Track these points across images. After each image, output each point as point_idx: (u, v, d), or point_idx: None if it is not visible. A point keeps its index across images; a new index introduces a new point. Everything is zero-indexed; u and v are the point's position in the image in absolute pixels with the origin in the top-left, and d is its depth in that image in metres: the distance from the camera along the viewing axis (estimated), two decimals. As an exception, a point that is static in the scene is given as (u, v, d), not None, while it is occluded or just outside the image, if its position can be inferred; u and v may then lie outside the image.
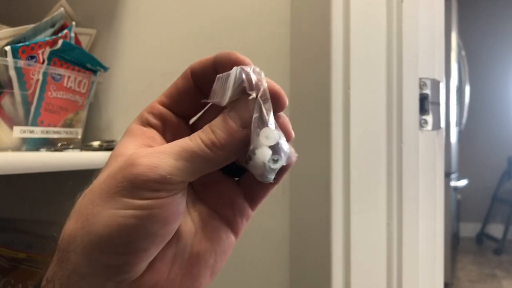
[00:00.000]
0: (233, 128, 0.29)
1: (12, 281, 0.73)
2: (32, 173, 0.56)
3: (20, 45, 0.62)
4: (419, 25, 0.67)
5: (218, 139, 0.29)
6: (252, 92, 0.29)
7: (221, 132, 0.29)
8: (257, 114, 0.29)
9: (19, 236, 0.81)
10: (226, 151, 0.29)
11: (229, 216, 0.34)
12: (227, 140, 0.29)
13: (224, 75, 0.31)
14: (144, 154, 0.28)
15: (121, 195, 0.27)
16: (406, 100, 0.65)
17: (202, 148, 0.28)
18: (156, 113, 0.34)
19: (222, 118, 0.30)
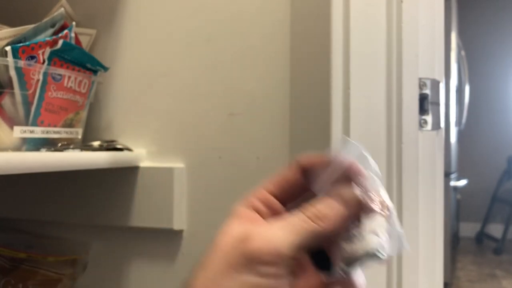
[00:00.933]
0: (337, 206, 0.32)
1: (12, 281, 0.73)
2: (33, 173, 0.56)
3: (20, 45, 0.62)
4: (419, 25, 0.67)
5: (323, 214, 0.31)
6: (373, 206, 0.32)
7: (324, 209, 0.32)
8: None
9: (19, 236, 0.81)
10: (329, 224, 0.31)
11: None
12: (330, 213, 0.31)
13: (333, 170, 0.34)
14: (259, 231, 0.30)
15: (239, 272, 0.29)
16: (406, 100, 0.65)
17: (309, 223, 0.31)
18: (262, 198, 0.36)
19: (325, 198, 0.33)
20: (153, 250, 0.75)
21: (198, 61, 0.73)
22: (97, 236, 0.80)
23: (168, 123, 0.75)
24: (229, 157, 0.71)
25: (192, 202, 0.73)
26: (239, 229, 0.32)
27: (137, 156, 0.74)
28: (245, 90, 0.70)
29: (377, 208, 0.32)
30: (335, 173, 0.33)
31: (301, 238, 0.30)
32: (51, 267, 0.75)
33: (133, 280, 0.77)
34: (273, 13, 0.69)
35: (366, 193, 0.32)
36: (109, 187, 0.76)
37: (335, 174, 0.33)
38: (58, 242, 0.80)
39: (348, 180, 0.33)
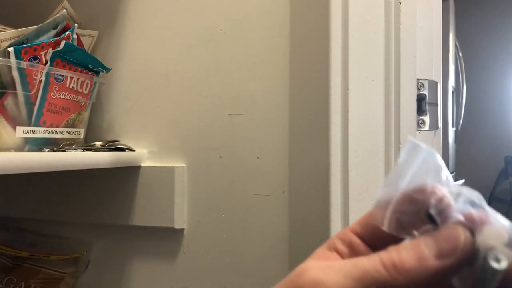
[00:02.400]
0: (424, 254, 0.25)
1: (14, 279, 0.73)
2: (35, 173, 0.57)
3: (23, 46, 0.62)
4: (417, 26, 0.67)
5: (400, 261, 0.25)
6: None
7: (407, 254, 0.25)
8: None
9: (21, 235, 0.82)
10: (407, 277, 0.24)
11: None
12: (412, 265, 0.25)
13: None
14: (313, 267, 0.26)
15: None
16: (404, 100, 0.65)
17: (377, 268, 0.25)
18: (346, 239, 0.31)
19: (414, 242, 0.26)
20: (154, 249, 0.76)
21: (199, 62, 0.74)
22: (99, 235, 0.80)
23: (169, 124, 0.75)
24: (229, 157, 0.71)
25: (193, 201, 0.73)
26: (307, 264, 0.28)
27: (139, 156, 0.75)
28: (245, 90, 0.71)
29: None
30: (422, 207, 0.27)
31: (361, 286, 0.25)
32: (53, 266, 0.76)
33: (134, 278, 0.77)
34: (273, 15, 0.69)
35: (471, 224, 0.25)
36: (111, 187, 0.76)
37: (422, 208, 0.27)
38: (60, 241, 0.80)
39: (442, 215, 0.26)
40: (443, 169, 0.27)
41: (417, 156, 0.27)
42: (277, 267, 0.69)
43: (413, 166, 0.27)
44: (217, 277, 0.72)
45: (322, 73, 0.63)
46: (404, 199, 0.27)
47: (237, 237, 0.71)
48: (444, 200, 0.26)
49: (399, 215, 0.27)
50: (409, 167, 0.27)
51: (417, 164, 0.27)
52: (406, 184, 0.27)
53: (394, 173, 0.28)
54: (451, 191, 0.26)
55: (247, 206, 0.70)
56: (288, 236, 0.68)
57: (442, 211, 0.26)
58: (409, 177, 0.27)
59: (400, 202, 0.27)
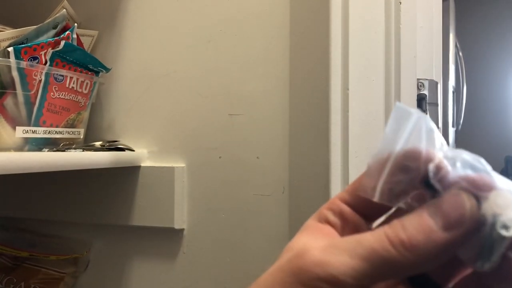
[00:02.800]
0: (431, 228, 0.23)
1: (14, 279, 0.73)
2: (35, 173, 0.57)
3: (23, 46, 0.62)
4: (417, 26, 0.67)
5: (408, 238, 0.23)
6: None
7: (413, 230, 0.23)
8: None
9: (21, 235, 0.82)
10: (417, 255, 0.23)
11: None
12: (420, 241, 0.23)
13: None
14: (316, 246, 0.25)
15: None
16: (404, 100, 0.65)
17: (385, 247, 0.23)
18: (335, 210, 0.29)
19: (417, 213, 0.24)
20: (154, 249, 0.76)
21: (199, 61, 0.74)
22: (99, 235, 0.80)
23: (169, 123, 0.75)
24: (229, 157, 0.71)
25: (193, 201, 0.73)
26: (302, 241, 0.27)
27: (139, 156, 0.75)
28: (245, 90, 0.71)
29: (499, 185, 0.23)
30: (416, 174, 0.25)
31: (372, 267, 0.23)
32: (53, 266, 0.76)
33: (134, 278, 0.77)
34: (273, 15, 0.69)
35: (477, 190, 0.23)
36: (111, 187, 0.76)
37: (416, 176, 0.25)
38: (60, 241, 0.80)
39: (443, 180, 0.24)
40: (436, 133, 0.25)
41: (406, 122, 0.25)
42: (277, 267, 0.68)
43: (403, 133, 0.25)
44: (217, 277, 0.72)
45: (322, 73, 0.63)
46: (396, 168, 0.25)
47: (237, 237, 0.71)
48: (441, 165, 0.24)
49: (391, 185, 0.25)
50: (399, 135, 0.25)
51: (407, 131, 0.25)
52: (397, 151, 0.25)
53: (383, 141, 0.26)
54: (448, 156, 0.24)
55: (247, 206, 0.70)
56: (288, 236, 0.68)
57: (441, 178, 0.24)
58: (400, 144, 0.25)
59: (392, 171, 0.25)
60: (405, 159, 0.25)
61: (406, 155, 0.25)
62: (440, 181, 0.24)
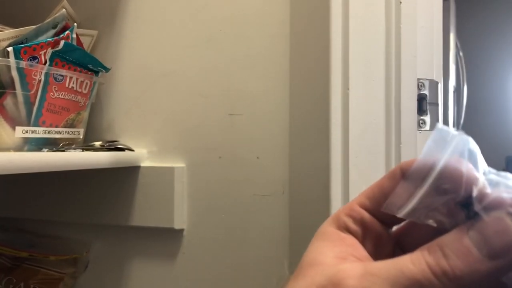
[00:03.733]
0: (475, 257, 0.22)
1: (14, 280, 0.73)
2: (34, 173, 0.57)
3: (22, 46, 0.62)
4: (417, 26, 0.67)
5: (451, 268, 0.22)
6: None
7: (456, 260, 0.22)
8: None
9: (21, 235, 0.82)
10: (460, 284, 0.22)
11: None
12: (464, 271, 0.22)
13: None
14: (353, 275, 0.23)
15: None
16: (404, 100, 0.65)
17: (428, 277, 0.22)
18: (356, 217, 0.28)
19: (458, 238, 0.23)
20: (154, 249, 0.76)
21: (198, 61, 0.73)
22: (98, 235, 0.80)
23: (169, 123, 0.75)
24: (229, 157, 0.71)
25: (193, 201, 0.73)
26: (327, 259, 0.25)
27: (138, 156, 0.74)
28: (245, 90, 0.71)
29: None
30: (453, 196, 0.23)
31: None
32: (52, 266, 0.76)
33: (134, 279, 0.77)
34: (273, 14, 0.69)
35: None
36: (110, 187, 0.76)
37: (452, 198, 0.23)
38: (60, 241, 0.80)
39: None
40: (479, 155, 0.24)
41: (447, 143, 0.24)
42: (277, 267, 0.68)
43: (444, 153, 0.23)
44: (217, 278, 0.72)
45: (322, 72, 0.63)
46: (432, 189, 0.24)
47: (237, 237, 0.71)
48: (484, 190, 0.23)
49: (422, 205, 0.24)
50: (438, 155, 0.24)
51: (448, 152, 0.24)
52: (436, 172, 0.24)
53: (419, 161, 0.24)
54: (491, 180, 0.23)
55: (247, 206, 0.70)
56: (288, 236, 0.68)
57: (481, 201, 0.22)
58: (440, 165, 0.23)
59: (427, 192, 0.24)
60: (444, 181, 0.24)
61: (446, 176, 0.23)
62: (480, 204, 0.23)
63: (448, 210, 0.24)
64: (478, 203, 0.23)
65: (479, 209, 0.23)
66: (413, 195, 0.24)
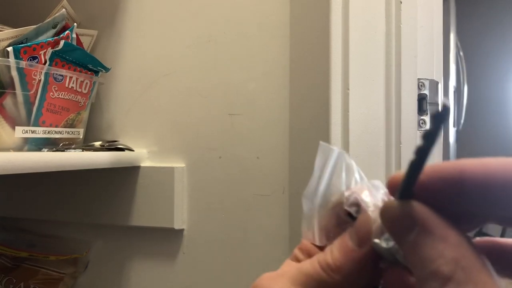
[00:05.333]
0: (350, 248, 0.25)
1: (14, 279, 0.73)
2: (34, 173, 0.56)
3: (22, 45, 0.62)
4: (417, 26, 0.67)
5: (333, 261, 0.25)
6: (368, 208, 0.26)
7: (337, 252, 0.26)
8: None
9: (21, 235, 0.82)
10: (342, 275, 0.25)
11: None
12: (342, 261, 0.25)
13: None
14: (267, 277, 0.28)
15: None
16: (404, 100, 0.65)
17: (317, 271, 0.26)
18: (304, 249, 0.31)
19: (342, 237, 0.27)
20: (154, 250, 0.76)
21: (198, 61, 0.73)
22: (98, 236, 0.80)
23: (169, 123, 0.75)
24: (229, 157, 0.71)
25: (193, 201, 0.73)
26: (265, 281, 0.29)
27: (138, 156, 0.74)
28: (245, 90, 0.70)
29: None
30: (340, 209, 0.28)
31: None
32: (52, 266, 0.76)
33: (134, 279, 0.77)
34: (273, 14, 0.69)
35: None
36: (110, 187, 0.76)
37: (341, 211, 0.28)
38: (60, 241, 0.80)
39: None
40: (354, 168, 0.29)
41: (329, 159, 0.29)
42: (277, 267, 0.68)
43: (327, 170, 0.29)
44: (217, 278, 0.72)
45: (322, 73, 0.63)
46: (324, 210, 0.29)
47: (237, 237, 0.71)
48: (357, 196, 0.27)
49: (325, 225, 0.29)
50: (324, 172, 0.29)
51: (330, 168, 0.29)
52: (322, 192, 0.29)
53: (311, 181, 0.30)
54: (365, 187, 0.28)
55: (247, 206, 0.70)
56: (288, 236, 0.68)
57: (359, 206, 0.27)
58: (324, 184, 0.29)
59: (321, 216, 0.29)
60: (330, 195, 0.29)
61: (330, 192, 0.29)
62: (359, 209, 0.27)
63: (340, 221, 0.28)
64: (351, 208, 0.27)
65: (354, 212, 0.27)
66: (314, 222, 0.29)
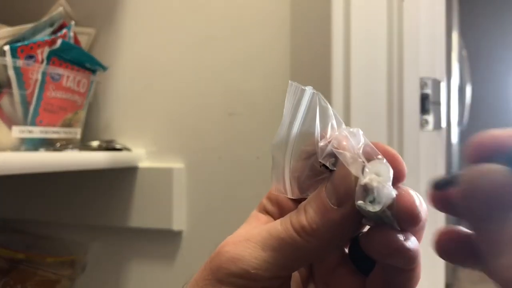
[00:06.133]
0: (328, 208, 0.22)
1: (11, 281, 0.73)
2: (31, 173, 0.56)
3: (19, 44, 0.62)
4: (419, 24, 0.66)
5: (308, 223, 0.22)
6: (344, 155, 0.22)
7: (312, 212, 0.23)
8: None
9: (18, 236, 0.81)
10: (320, 238, 0.22)
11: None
12: (319, 223, 0.22)
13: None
14: (232, 241, 0.25)
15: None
16: (407, 99, 0.64)
17: (291, 235, 0.23)
18: (272, 198, 0.29)
19: (317, 193, 0.23)
20: (152, 251, 0.75)
21: (198, 60, 0.73)
22: (96, 237, 0.79)
23: (167, 123, 0.74)
24: (229, 157, 0.70)
25: (192, 202, 0.72)
26: (236, 233, 0.27)
27: (136, 156, 0.74)
28: (245, 90, 0.70)
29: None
30: (316, 158, 0.24)
31: (284, 257, 0.23)
32: (49, 268, 0.75)
33: (132, 281, 0.77)
34: (273, 13, 0.68)
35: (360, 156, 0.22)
36: (108, 188, 0.75)
37: (316, 160, 0.24)
38: (57, 242, 0.79)
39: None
40: (331, 111, 0.24)
41: (301, 101, 0.25)
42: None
43: (299, 115, 0.25)
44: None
45: (323, 72, 0.62)
46: (296, 155, 0.25)
47: (236, 239, 0.70)
48: (333, 146, 0.23)
49: (298, 176, 0.25)
50: (295, 117, 0.25)
51: (302, 112, 0.25)
52: (294, 140, 0.25)
53: (281, 129, 0.26)
54: (343, 135, 0.23)
55: (247, 207, 0.69)
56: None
57: (336, 158, 0.23)
58: (295, 131, 0.25)
59: (294, 167, 0.25)
60: (302, 144, 0.24)
61: (302, 140, 0.24)
62: (336, 159, 0.23)
63: (315, 173, 0.24)
64: (328, 157, 0.23)
65: (329, 163, 0.23)
66: (285, 167, 0.25)
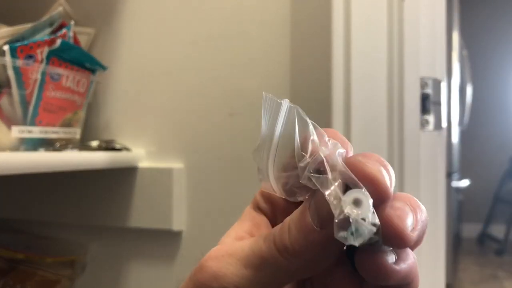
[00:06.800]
0: (311, 229, 0.21)
1: (10, 282, 0.73)
2: (31, 173, 0.56)
3: (19, 44, 0.61)
4: (420, 24, 0.66)
5: (291, 243, 0.21)
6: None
7: (296, 232, 0.21)
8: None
9: (17, 236, 0.81)
10: (302, 259, 0.21)
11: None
12: (301, 243, 0.21)
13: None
14: (214, 256, 0.23)
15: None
16: (407, 99, 0.64)
17: (274, 255, 0.22)
18: (265, 195, 0.28)
19: (302, 211, 0.22)
20: (152, 251, 0.75)
21: (198, 60, 0.72)
22: (96, 237, 0.79)
23: (167, 123, 0.74)
24: (229, 157, 0.70)
25: (192, 202, 0.72)
26: (227, 239, 0.26)
27: (136, 156, 0.74)
28: (245, 89, 0.70)
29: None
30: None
31: (266, 276, 0.22)
32: (49, 268, 0.75)
33: (132, 281, 0.76)
34: (274, 13, 0.68)
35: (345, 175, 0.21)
36: (108, 188, 0.75)
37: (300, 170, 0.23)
38: (57, 243, 0.79)
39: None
40: (309, 124, 0.23)
41: (278, 115, 0.24)
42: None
43: (277, 129, 0.24)
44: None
45: (323, 71, 0.62)
46: (280, 163, 0.24)
47: (236, 239, 0.70)
48: (310, 168, 0.22)
49: (283, 180, 0.24)
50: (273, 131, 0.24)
51: (280, 126, 0.24)
52: (274, 153, 0.24)
53: (261, 136, 0.25)
54: (319, 157, 0.22)
55: (247, 207, 0.69)
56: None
57: (319, 169, 0.21)
58: (276, 139, 0.24)
59: (278, 178, 0.24)
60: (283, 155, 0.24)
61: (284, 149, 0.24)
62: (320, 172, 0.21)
63: (300, 184, 0.23)
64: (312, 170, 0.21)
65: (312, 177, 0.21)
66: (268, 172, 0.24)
